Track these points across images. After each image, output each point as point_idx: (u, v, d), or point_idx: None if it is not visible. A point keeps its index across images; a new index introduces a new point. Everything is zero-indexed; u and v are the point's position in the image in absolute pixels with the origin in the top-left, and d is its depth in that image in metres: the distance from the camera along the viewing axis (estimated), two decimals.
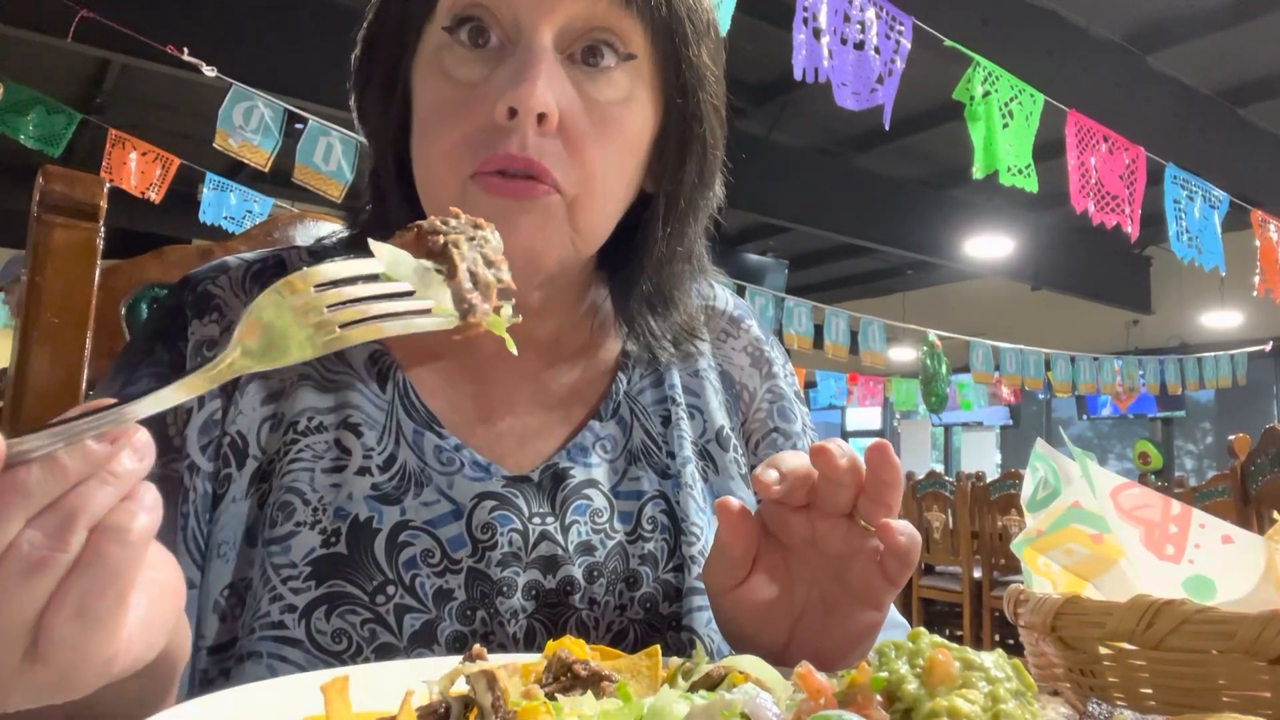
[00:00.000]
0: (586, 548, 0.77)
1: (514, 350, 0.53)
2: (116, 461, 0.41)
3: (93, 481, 0.41)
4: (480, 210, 0.69)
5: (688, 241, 0.82)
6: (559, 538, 0.76)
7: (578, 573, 0.75)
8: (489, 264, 0.51)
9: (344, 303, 0.45)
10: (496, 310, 0.50)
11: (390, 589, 0.70)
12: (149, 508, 0.43)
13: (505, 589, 0.73)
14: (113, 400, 0.41)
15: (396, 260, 0.47)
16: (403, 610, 0.70)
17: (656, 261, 0.81)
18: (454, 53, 0.71)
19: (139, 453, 0.43)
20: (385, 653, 0.69)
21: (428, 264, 0.48)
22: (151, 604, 0.46)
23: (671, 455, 0.83)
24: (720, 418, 0.88)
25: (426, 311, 0.47)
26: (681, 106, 0.76)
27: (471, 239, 0.50)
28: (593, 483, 0.79)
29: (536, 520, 0.76)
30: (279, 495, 0.72)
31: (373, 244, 0.47)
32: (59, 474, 0.40)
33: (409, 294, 0.47)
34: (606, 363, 0.86)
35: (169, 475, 0.72)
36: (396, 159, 0.78)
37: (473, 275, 0.49)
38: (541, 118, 0.67)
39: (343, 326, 0.45)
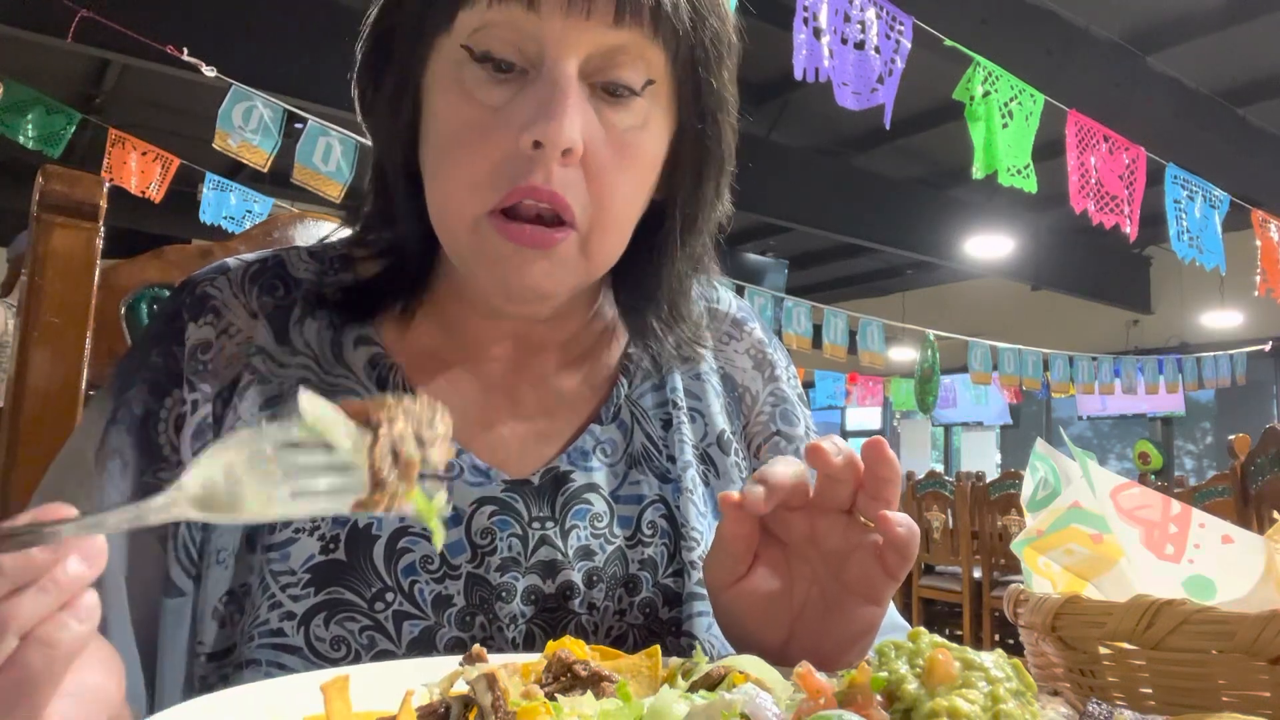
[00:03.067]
0: (586, 552, 0.76)
1: (439, 545, 0.56)
2: (60, 569, 0.41)
3: (31, 590, 0.40)
4: (489, 250, 0.69)
5: (698, 252, 0.82)
6: (558, 542, 0.75)
7: (577, 578, 0.75)
8: (421, 441, 0.49)
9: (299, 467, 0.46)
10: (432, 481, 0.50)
11: (389, 596, 0.70)
12: (84, 616, 0.42)
13: (504, 594, 0.73)
14: (59, 516, 0.41)
15: (324, 420, 0.47)
16: (401, 617, 0.70)
17: (672, 275, 0.81)
18: (474, 72, 0.69)
19: (87, 560, 0.42)
20: (384, 660, 0.68)
21: (354, 428, 0.48)
22: (79, 707, 0.46)
23: (672, 459, 0.83)
24: (721, 421, 0.87)
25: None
26: (700, 128, 0.75)
27: (410, 414, 0.50)
28: (593, 487, 0.79)
29: (536, 525, 0.75)
30: None
31: (308, 400, 0.46)
32: (17, 572, 0.39)
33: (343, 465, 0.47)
34: (608, 366, 0.86)
35: (156, 485, 0.71)
36: (404, 163, 0.76)
37: (395, 453, 0.48)
38: (567, 152, 0.66)
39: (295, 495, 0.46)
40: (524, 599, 0.73)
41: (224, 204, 6.07)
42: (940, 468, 12.15)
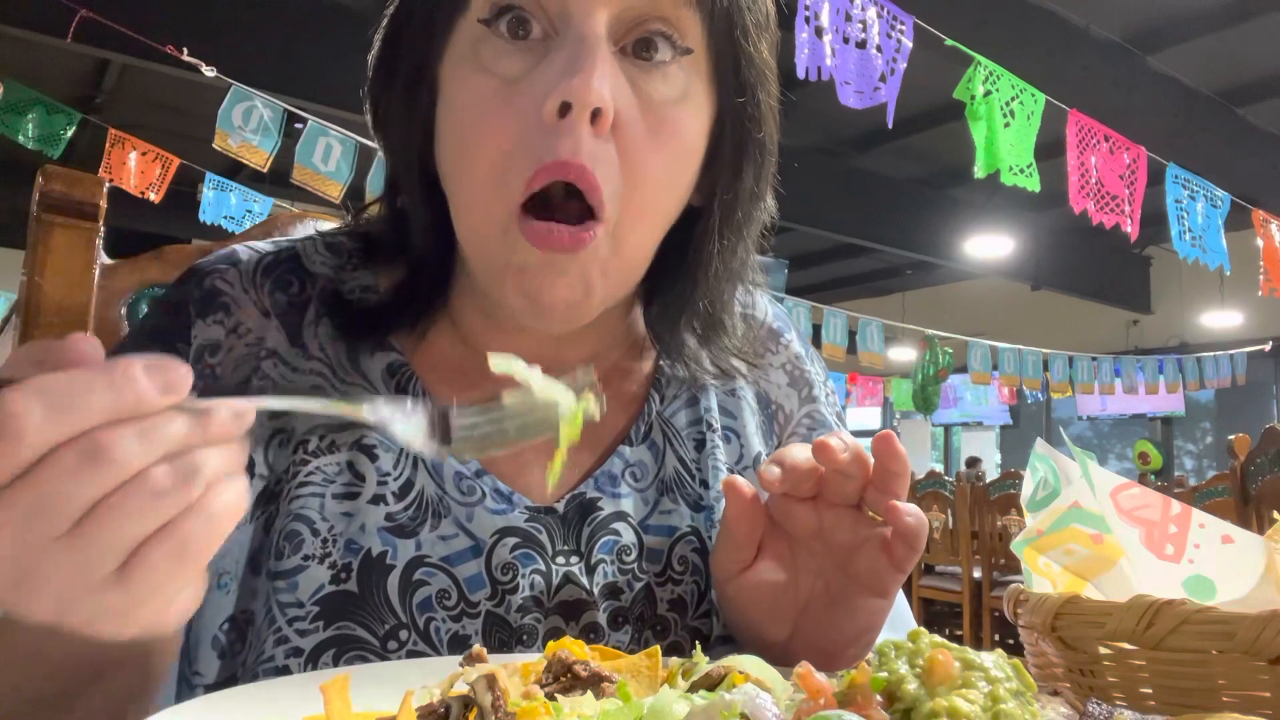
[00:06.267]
0: (612, 590, 0.72)
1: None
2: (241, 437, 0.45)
3: (223, 446, 0.44)
4: (516, 260, 0.63)
5: (739, 258, 0.76)
6: (583, 580, 0.71)
7: (602, 619, 0.70)
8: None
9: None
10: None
11: (403, 634, 0.66)
12: (243, 491, 0.46)
13: (525, 637, 0.68)
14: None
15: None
16: (416, 658, 0.65)
17: (711, 281, 0.74)
18: (492, 45, 0.64)
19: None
20: None
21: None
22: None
23: (705, 485, 0.78)
24: (757, 443, 0.83)
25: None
26: (740, 107, 0.69)
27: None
28: (621, 515, 0.74)
29: (560, 560, 0.71)
30: (286, 523, 0.67)
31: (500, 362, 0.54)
32: (205, 428, 0.43)
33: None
34: (638, 381, 0.80)
35: None
36: (420, 168, 0.71)
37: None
38: (596, 114, 0.60)
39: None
40: (545, 643, 0.69)
41: (224, 204, 6.07)
42: (940, 468, 12.14)
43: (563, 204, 0.63)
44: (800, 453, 0.64)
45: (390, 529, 0.68)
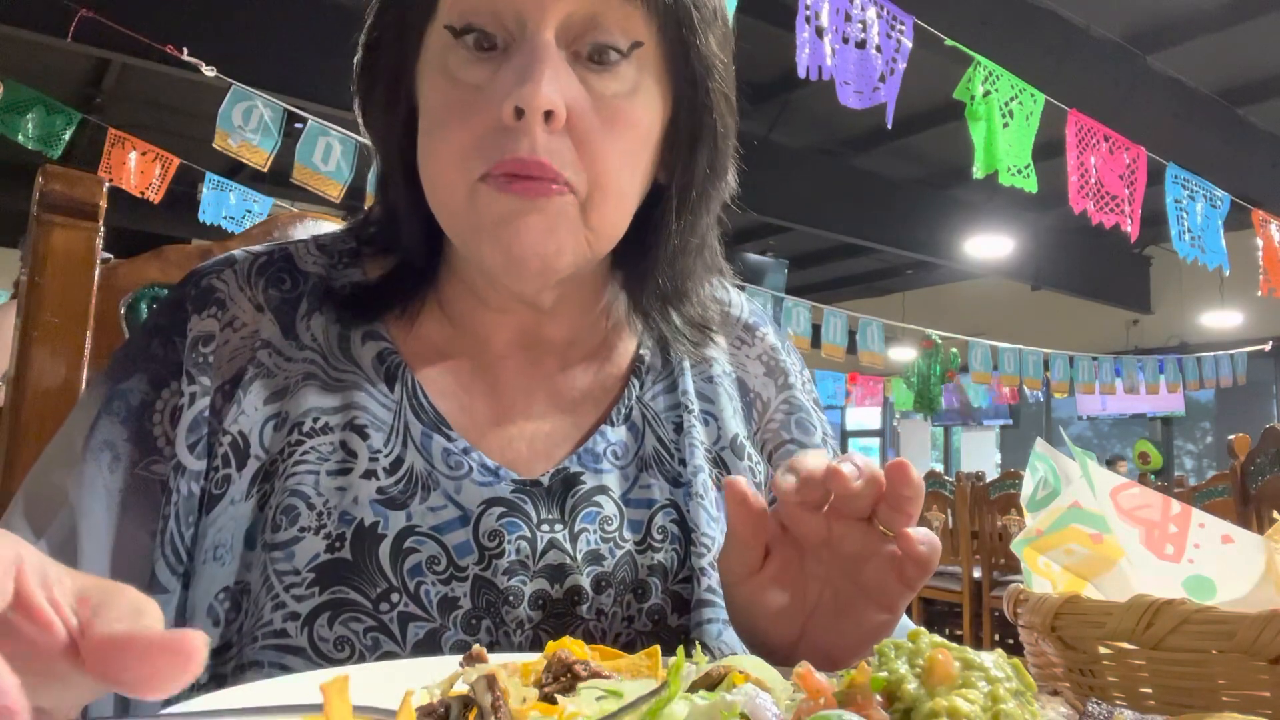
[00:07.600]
0: (595, 557, 0.75)
1: None
2: None
3: None
4: (491, 210, 0.68)
5: (699, 232, 0.80)
6: (567, 546, 0.74)
7: (585, 583, 0.74)
8: None
9: None
10: None
11: (394, 596, 0.69)
12: None
13: (511, 598, 0.71)
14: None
15: None
16: (407, 619, 0.69)
17: (670, 255, 0.79)
18: (458, 54, 0.69)
19: None
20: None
21: None
22: None
23: (683, 463, 0.81)
24: (735, 425, 0.86)
25: None
26: (691, 96, 0.74)
27: None
28: (603, 489, 0.77)
29: (545, 527, 0.74)
30: (282, 498, 0.70)
31: None
32: None
33: None
34: (620, 366, 0.84)
35: (148, 478, 0.71)
36: (402, 164, 0.76)
37: None
38: (549, 116, 0.66)
39: None
40: (531, 604, 0.72)
41: (224, 204, 6.08)
42: (940, 468, 12.15)
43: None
44: (815, 461, 0.64)
45: (381, 501, 0.71)
